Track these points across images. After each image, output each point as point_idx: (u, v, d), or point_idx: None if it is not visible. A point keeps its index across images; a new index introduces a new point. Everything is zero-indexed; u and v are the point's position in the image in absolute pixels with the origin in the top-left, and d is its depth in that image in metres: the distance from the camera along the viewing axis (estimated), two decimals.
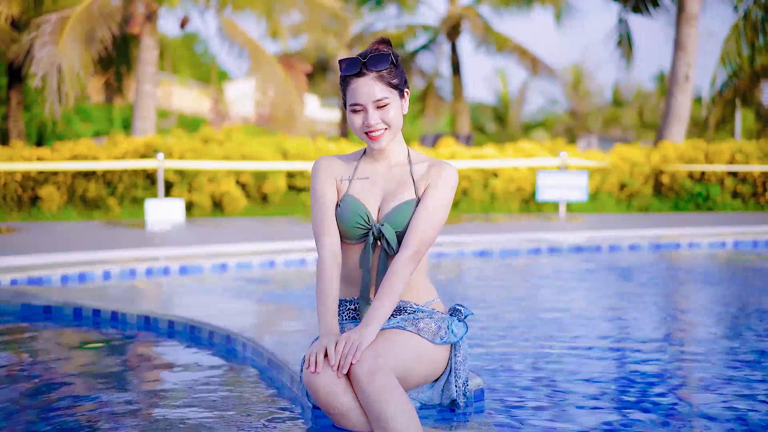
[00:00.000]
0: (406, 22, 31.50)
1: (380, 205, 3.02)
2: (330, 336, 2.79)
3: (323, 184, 3.07)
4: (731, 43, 19.57)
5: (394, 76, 2.98)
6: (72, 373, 3.82)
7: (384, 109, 2.95)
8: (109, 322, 4.98)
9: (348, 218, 2.98)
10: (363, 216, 2.97)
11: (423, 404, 3.06)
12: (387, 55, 2.96)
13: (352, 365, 2.70)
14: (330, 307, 2.90)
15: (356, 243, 3.01)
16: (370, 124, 2.94)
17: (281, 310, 5.03)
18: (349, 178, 3.07)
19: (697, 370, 3.85)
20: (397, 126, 3.00)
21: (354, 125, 2.98)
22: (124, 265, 7.33)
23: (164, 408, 3.19)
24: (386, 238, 2.94)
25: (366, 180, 3.06)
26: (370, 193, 3.04)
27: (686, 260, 8.90)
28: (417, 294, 3.05)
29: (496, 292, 6.50)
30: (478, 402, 3.16)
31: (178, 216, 13.85)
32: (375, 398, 2.65)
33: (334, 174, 3.09)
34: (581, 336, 4.61)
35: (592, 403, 3.23)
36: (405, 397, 2.68)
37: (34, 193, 15.05)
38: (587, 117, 48.63)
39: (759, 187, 17.03)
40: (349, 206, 3.00)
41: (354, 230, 2.98)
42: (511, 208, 16.81)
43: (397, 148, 3.09)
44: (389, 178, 3.06)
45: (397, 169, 3.07)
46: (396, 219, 2.97)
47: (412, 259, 2.92)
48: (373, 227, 2.97)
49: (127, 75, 20.96)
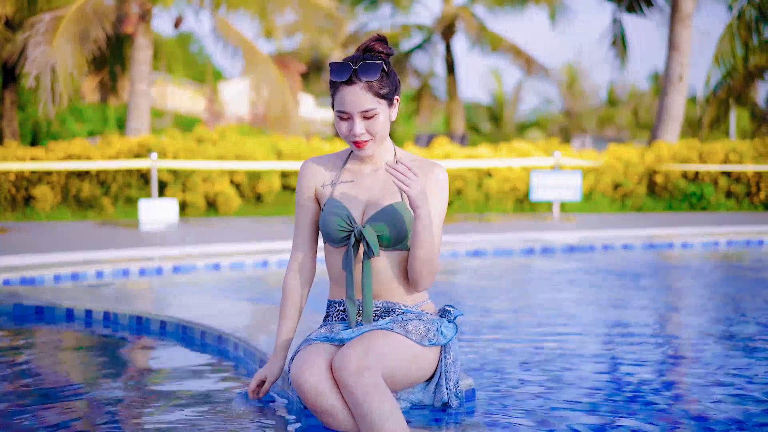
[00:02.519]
0: (400, 22, 31.50)
1: (365, 208, 3.01)
2: (272, 362, 3.10)
3: (303, 197, 3.10)
4: (725, 43, 19.61)
5: (384, 85, 2.93)
6: (64, 373, 3.81)
7: (370, 120, 2.92)
8: (101, 322, 4.97)
9: (330, 221, 2.97)
10: (345, 218, 2.96)
11: (414, 405, 3.06)
12: (378, 65, 2.90)
13: (335, 366, 2.73)
14: (282, 329, 3.10)
15: (341, 246, 3.00)
16: (355, 134, 2.92)
17: (274, 310, 5.02)
18: (332, 182, 3.06)
19: (691, 371, 3.85)
20: (384, 135, 2.98)
21: (340, 130, 2.97)
22: (117, 264, 7.32)
23: (156, 408, 3.18)
24: (366, 240, 2.91)
25: (350, 183, 3.05)
26: (354, 195, 3.02)
27: (679, 260, 8.91)
28: (406, 295, 3.04)
29: (490, 293, 6.50)
30: (470, 402, 3.16)
31: (172, 216, 13.83)
32: (361, 398, 2.66)
33: (316, 182, 3.08)
34: (574, 336, 4.61)
35: (584, 404, 3.23)
36: (391, 398, 2.68)
37: (28, 192, 15.02)
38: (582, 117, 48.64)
39: (753, 187, 17.06)
40: (331, 210, 2.98)
41: (336, 233, 2.96)
42: (505, 207, 16.82)
43: (383, 151, 3.07)
44: (375, 180, 3.04)
45: (383, 171, 3.06)
46: (379, 221, 2.95)
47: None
48: (355, 229, 2.95)
49: (121, 75, 20.92)
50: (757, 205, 17.08)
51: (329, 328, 3.02)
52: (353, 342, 2.83)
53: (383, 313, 3.01)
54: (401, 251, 2.99)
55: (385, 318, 3.00)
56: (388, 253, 2.98)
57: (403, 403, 3.04)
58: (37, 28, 15.53)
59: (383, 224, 2.94)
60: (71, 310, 5.12)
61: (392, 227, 2.94)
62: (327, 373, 2.78)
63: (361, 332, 2.92)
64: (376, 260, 2.98)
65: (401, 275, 3.02)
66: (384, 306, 3.00)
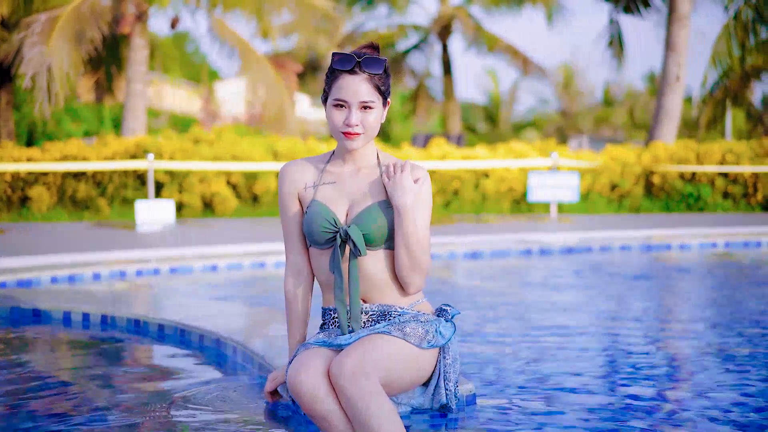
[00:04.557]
0: (397, 22, 31.49)
1: (348, 208, 3.00)
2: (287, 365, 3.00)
3: (285, 201, 3.08)
4: (722, 44, 19.62)
5: (383, 82, 2.96)
6: (61, 377, 3.79)
7: (367, 112, 2.93)
8: (99, 325, 4.95)
9: (314, 223, 2.95)
10: (329, 219, 2.94)
11: (414, 409, 3.04)
12: (383, 60, 2.94)
13: (332, 372, 2.72)
14: (293, 332, 3.10)
15: (327, 248, 2.98)
16: (350, 123, 2.92)
17: (271, 312, 5.01)
18: (314, 184, 3.05)
19: (692, 374, 3.84)
20: (374, 132, 2.98)
21: (333, 120, 2.95)
22: (114, 266, 7.29)
23: (154, 412, 3.17)
24: (352, 239, 2.90)
25: (332, 184, 3.03)
26: (337, 196, 3.01)
27: (678, 261, 8.90)
28: (400, 296, 3.02)
29: (488, 295, 6.48)
30: (470, 407, 3.14)
31: (169, 217, 13.80)
32: (359, 405, 2.65)
33: (297, 185, 3.07)
34: (574, 339, 4.60)
35: (585, 406, 3.21)
36: (388, 402, 2.67)
37: (24, 193, 14.98)
38: (578, 117, 48.66)
39: (750, 188, 17.06)
40: (315, 211, 2.97)
41: (321, 235, 2.95)
42: (502, 208, 16.80)
43: (366, 152, 3.06)
44: (357, 181, 3.03)
45: (365, 170, 3.04)
46: (364, 220, 2.94)
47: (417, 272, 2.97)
48: (340, 229, 2.93)
49: (117, 75, 20.88)
50: (754, 206, 17.08)
51: (327, 334, 3.00)
52: (350, 348, 2.81)
53: (379, 316, 2.98)
54: (389, 250, 2.97)
55: (381, 322, 2.98)
56: (375, 253, 2.96)
57: (403, 407, 3.03)
58: (33, 28, 15.47)
59: (368, 223, 2.93)
60: (68, 313, 5.09)
61: (378, 226, 2.93)
62: (324, 377, 2.76)
63: (358, 337, 2.90)
64: (365, 262, 2.96)
65: (393, 276, 2.99)
66: (379, 310, 2.98)
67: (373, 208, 2.95)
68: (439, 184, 16.59)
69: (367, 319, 2.97)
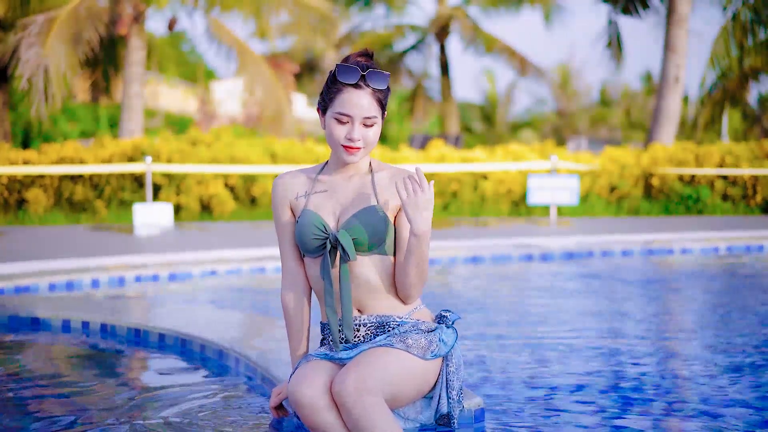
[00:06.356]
0: (394, 23, 31.49)
1: (339, 215, 2.96)
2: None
3: (278, 211, 3.05)
4: (720, 44, 19.63)
5: (385, 96, 2.94)
6: (60, 387, 3.76)
7: (368, 128, 2.90)
8: (98, 334, 4.90)
9: (304, 231, 2.92)
10: (319, 226, 2.91)
11: (423, 425, 2.99)
12: (387, 75, 2.91)
13: (334, 390, 2.69)
14: (294, 345, 3.05)
15: (319, 256, 2.94)
16: (353, 138, 2.88)
17: (271, 320, 4.95)
18: (306, 194, 3.01)
19: (698, 384, 3.79)
20: (374, 145, 2.95)
21: (333, 134, 2.90)
22: (112, 272, 7.23)
23: (154, 422, 3.14)
24: (342, 244, 2.86)
25: (324, 193, 3.00)
26: (327, 204, 2.98)
27: (680, 266, 8.86)
28: (398, 305, 2.96)
29: (489, 301, 6.44)
30: (479, 423, 3.09)
31: (167, 220, 13.76)
32: (362, 421, 2.63)
33: (288, 195, 3.04)
34: (578, 349, 4.55)
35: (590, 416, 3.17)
36: (392, 417, 2.65)
37: (21, 195, 14.92)
38: (574, 117, 48.72)
39: (749, 190, 17.04)
40: (305, 220, 2.94)
41: (311, 241, 2.91)
42: (501, 210, 16.77)
43: (361, 160, 3.03)
44: (348, 188, 2.99)
45: (356, 178, 3.01)
46: (353, 225, 2.89)
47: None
48: (330, 235, 2.89)
49: (114, 75, 20.84)
50: (753, 208, 17.06)
51: (328, 348, 2.97)
52: (352, 364, 2.77)
53: (377, 328, 2.93)
54: (382, 255, 2.93)
55: (381, 335, 2.93)
56: (368, 258, 2.91)
57: (412, 423, 2.98)
58: (29, 29, 15.44)
59: (358, 227, 2.89)
60: (68, 321, 5.04)
61: (368, 229, 2.89)
62: (325, 389, 2.73)
63: (360, 351, 2.86)
64: (358, 269, 2.91)
65: (388, 282, 2.94)
66: (377, 321, 2.93)
67: (362, 212, 2.91)
68: (438, 186, 16.55)
69: (365, 333, 2.92)
